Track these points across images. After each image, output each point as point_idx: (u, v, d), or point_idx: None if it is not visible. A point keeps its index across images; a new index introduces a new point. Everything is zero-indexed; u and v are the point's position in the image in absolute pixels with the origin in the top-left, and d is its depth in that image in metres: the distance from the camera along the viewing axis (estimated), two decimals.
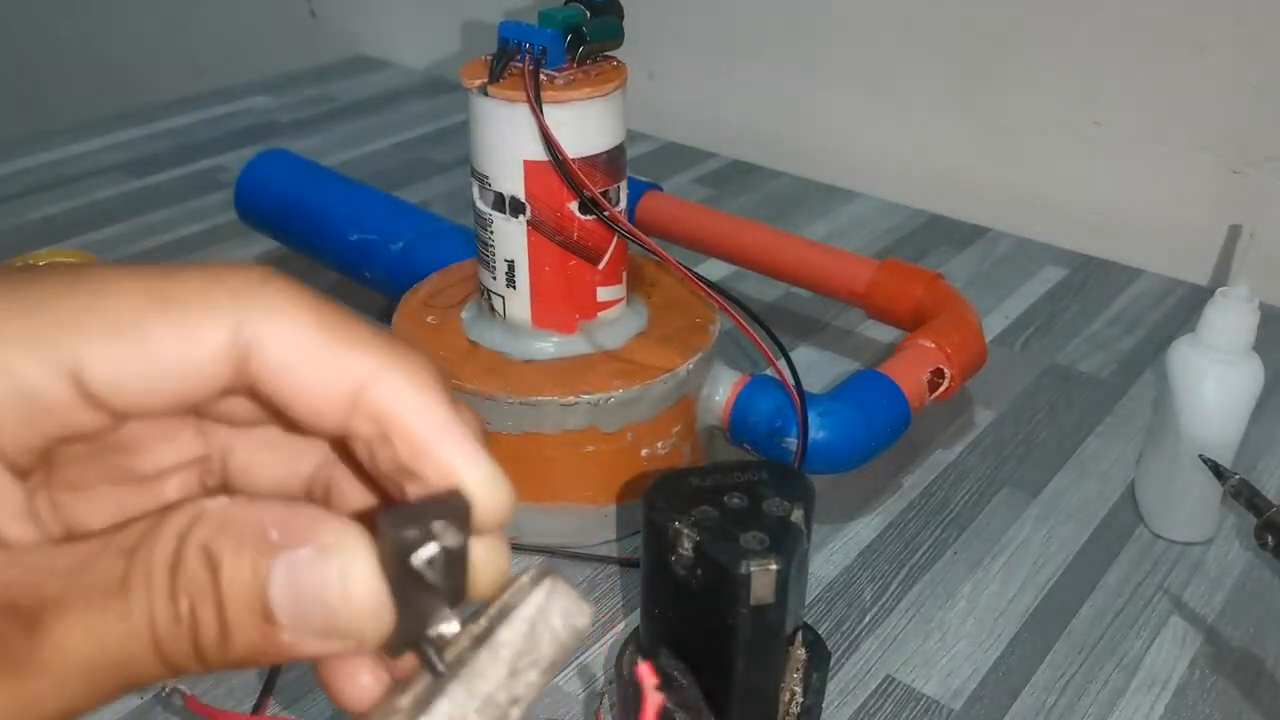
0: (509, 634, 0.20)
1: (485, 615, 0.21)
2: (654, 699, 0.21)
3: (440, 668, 0.20)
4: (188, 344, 0.19)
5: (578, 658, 0.44)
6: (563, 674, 0.43)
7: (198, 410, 0.21)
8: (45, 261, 0.68)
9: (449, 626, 0.20)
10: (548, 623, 0.21)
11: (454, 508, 0.20)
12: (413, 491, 0.21)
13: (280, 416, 0.21)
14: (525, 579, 0.21)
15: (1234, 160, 0.71)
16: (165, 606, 0.18)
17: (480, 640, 0.21)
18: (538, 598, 0.21)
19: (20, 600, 0.18)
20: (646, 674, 0.22)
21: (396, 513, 0.19)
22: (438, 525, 0.19)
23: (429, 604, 0.20)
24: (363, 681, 0.22)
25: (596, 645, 0.44)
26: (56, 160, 0.91)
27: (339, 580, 0.19)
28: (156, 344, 0.19)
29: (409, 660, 0.21)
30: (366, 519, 0.20)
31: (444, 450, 0.20)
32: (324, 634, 0.19)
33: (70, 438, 0.20)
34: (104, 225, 0.80)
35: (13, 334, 0.19)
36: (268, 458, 0.23)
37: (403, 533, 0.19)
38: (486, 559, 0.21)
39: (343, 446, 0.22)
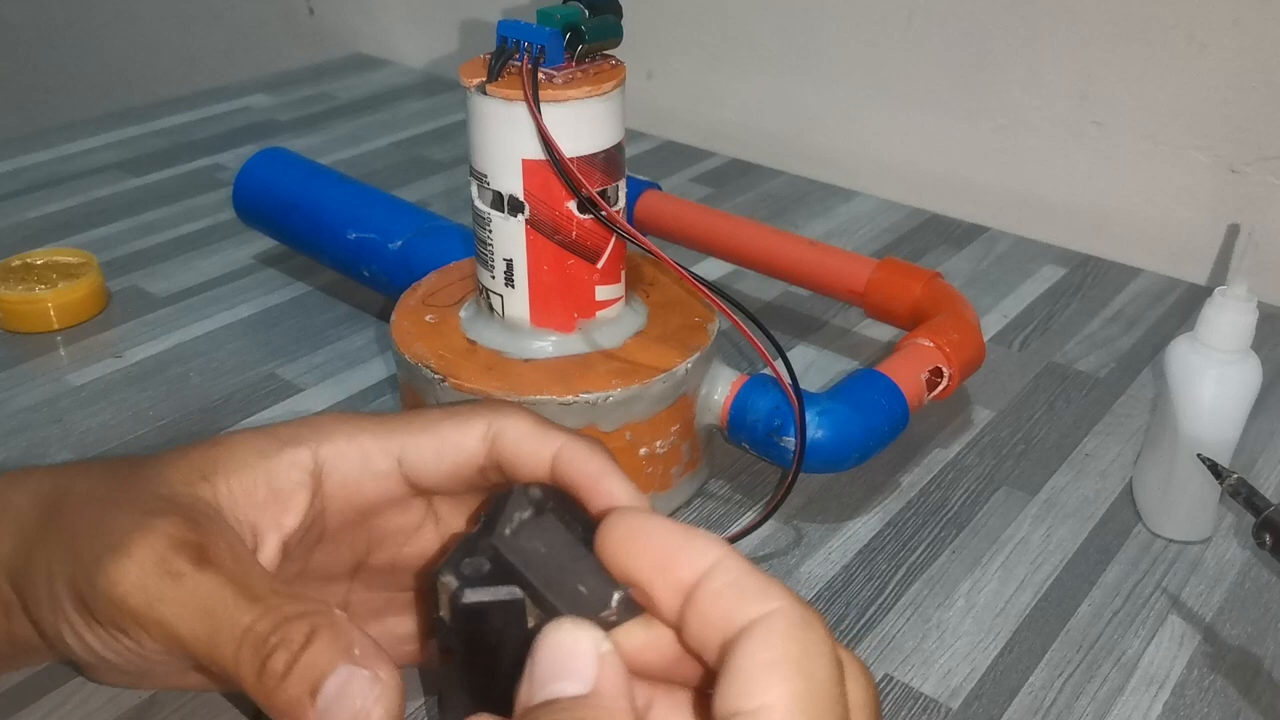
0: None
1: None
2: None
3: None
4: (462, 433, 0.33)
5: None
6: None
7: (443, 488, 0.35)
8: (43, 260, 0.68)
9: None
10: None
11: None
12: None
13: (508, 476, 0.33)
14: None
15: (1232, 159, 0.71)
16: (264, 629, 0.28)
17: None
18: None
19: (203, 545, 0.29)
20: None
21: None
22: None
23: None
24: None
25: None
26: (53, 159, 0.91)
27: (363, 704, 0.26)
28: (445, 434, 0.33)
29: None
30: None
31: (605, 483, 0.31)
32: None
33: (384, 503, 0.34)
34: (102, 224, 0.80)
35: (367, 435, 0.33)
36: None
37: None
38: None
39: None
